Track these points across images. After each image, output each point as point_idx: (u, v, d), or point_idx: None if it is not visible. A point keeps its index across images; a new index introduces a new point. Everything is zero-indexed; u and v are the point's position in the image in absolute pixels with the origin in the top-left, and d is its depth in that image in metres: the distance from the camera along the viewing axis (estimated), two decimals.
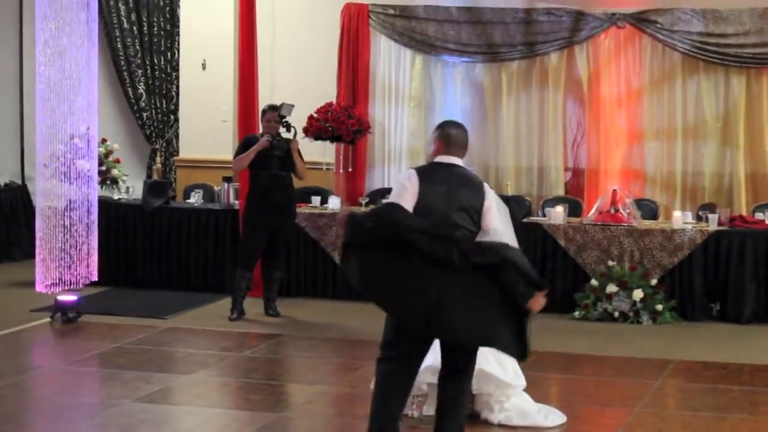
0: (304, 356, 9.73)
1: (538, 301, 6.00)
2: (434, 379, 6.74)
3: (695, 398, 8.52)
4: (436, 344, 6.37)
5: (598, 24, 13.08)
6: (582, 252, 11.42)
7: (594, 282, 11.21)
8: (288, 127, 10.83)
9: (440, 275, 5.88)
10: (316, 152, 12.83)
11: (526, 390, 7.59)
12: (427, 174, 6.12)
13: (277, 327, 10.68)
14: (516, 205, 11.65)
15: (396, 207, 6.03)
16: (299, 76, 13.72)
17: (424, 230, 5.91)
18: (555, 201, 12.41)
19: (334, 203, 12.18)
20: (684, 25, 12.88)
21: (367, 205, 12.19)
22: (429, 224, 5.94)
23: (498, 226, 6.11)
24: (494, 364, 7.31)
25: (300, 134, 11.63)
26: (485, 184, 6.26)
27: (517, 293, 5.92)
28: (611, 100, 13.10)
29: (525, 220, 11.64)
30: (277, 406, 8.09)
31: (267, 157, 10.70)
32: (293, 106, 10.85)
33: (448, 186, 6.08)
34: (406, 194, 6.06)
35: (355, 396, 8.21)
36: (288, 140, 10.84)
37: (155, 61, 14.60)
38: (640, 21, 12.98)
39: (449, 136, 6.22)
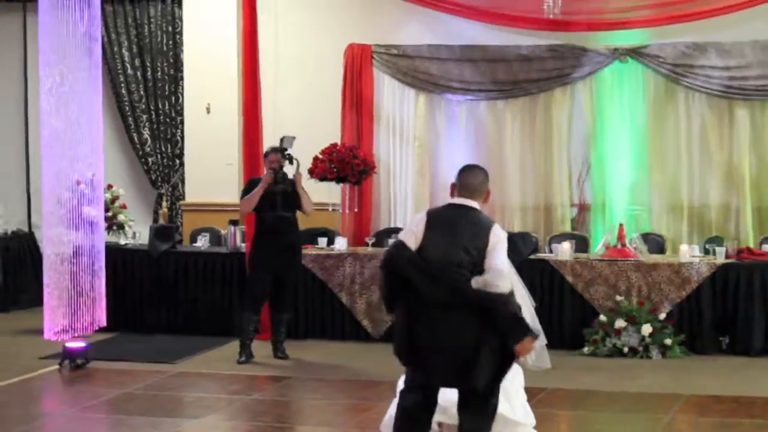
0: (313, 398, 9.69)
1: (526, 347, 6.26)
2: (444, 419, 6.77)
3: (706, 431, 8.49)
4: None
5: (601, 59, 13.12)
6: (590, 287, 11.39)
7: (602, 317, 11.18)
8: (291, 159, 10.83)
9: (435, 316, 6.19)
10: (322, 193, 12.85)
11: (536, 428, 7.55)
12: (437, 215, 6.42)
13: (285, 369, 10.67)
14: (522, 242, 11.65)
15: (401, 247, 6.31)
16: (304, 117, 13.73)
17: (424, 270, 6.16)
18: (561, 237, 12.39)
19: (341, 244, 12.17)
20: (687, 59, 12.91)
21: (373, 245, 12.21)
22: (428, 265, 6.19)
23: (499, 265, 6.23)
24: (502, 402, 7.26)
25: (305, 175, 11.66)
26: (495, 225, 6.39)
27: (508, 335, 6.15)
28: (616, 135, 13.11)
29: (532, 256, 11.63)
30: None
31: (272, 199, 10.72)
32: (294, 138, 10.85)
33: (453, 226, 6.30)
34: (410, 237, 6.35)
35: None
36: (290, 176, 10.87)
37: (159, 105, 14.66)
38: (643, 55, 13.02)
39: (460, 179, 6.49)
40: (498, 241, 6.28)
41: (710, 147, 12.93)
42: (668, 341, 11.00)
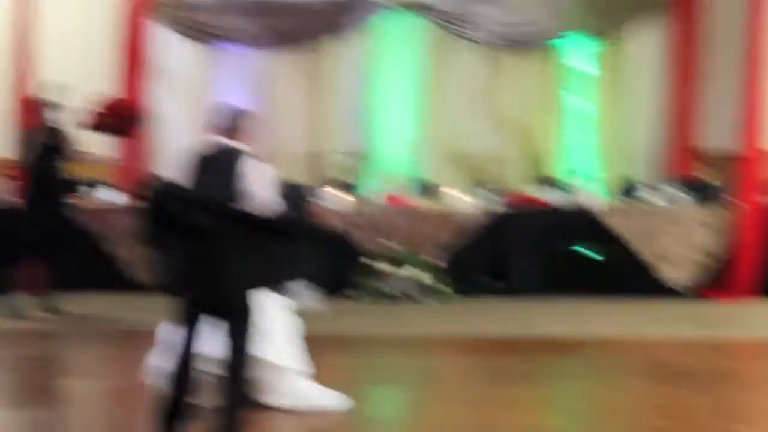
0: (81, 351, 9.48)
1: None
2: (212, 368, 6.70)
3: (479, 373, 8.55)
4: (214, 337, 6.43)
5: (378, 10, 13.15)
6: (362, 234, 11.40)
7: (375, 263, 11.19)
8: (56, 106, 10.62)
9: (201, 247, 6.35)
10: (97, 144, 12.49)
11: (307, 373, 7.49)
12: (198, 154, 6.61)
13: (53, 322, 10.44)
14: (295, 190, 11.57)
15: (166, 185, 6.59)
16: (79, 68, 13.25)
17: (190, 204, 6.36)
18: (333, 184, 12.36)
19: (112, 195, 11.95)
20: (463, 9, 13.06)
21: (143, 195, 11.99)
22: (194, 198, 6.40)
23: (253, 188, 6.39)
24: (272, 350, 7.22)
25: (84, 127, 11.37)
26: (246, 157, 6.52)
27: (291, 236, 6.51)
28: (393, 85, 13.20)
29: (305, 203, 11.57)
30: (53, 403, 7.83)
31: (39, 151, 10.50)
32: (61, 87, 10.56)
33: (213, 163, 6.53)
34: (176, 176, 6.55)
35: (131, 389, 7.98)
36: (59, 129, 10.62)
37: None
38: (418, 6, 13.10)
39: (219, 120, 6.68)
40: (247, 169, 6.44)
41: (486, 97, 13.13)
42: (442, 286, 11.11)
